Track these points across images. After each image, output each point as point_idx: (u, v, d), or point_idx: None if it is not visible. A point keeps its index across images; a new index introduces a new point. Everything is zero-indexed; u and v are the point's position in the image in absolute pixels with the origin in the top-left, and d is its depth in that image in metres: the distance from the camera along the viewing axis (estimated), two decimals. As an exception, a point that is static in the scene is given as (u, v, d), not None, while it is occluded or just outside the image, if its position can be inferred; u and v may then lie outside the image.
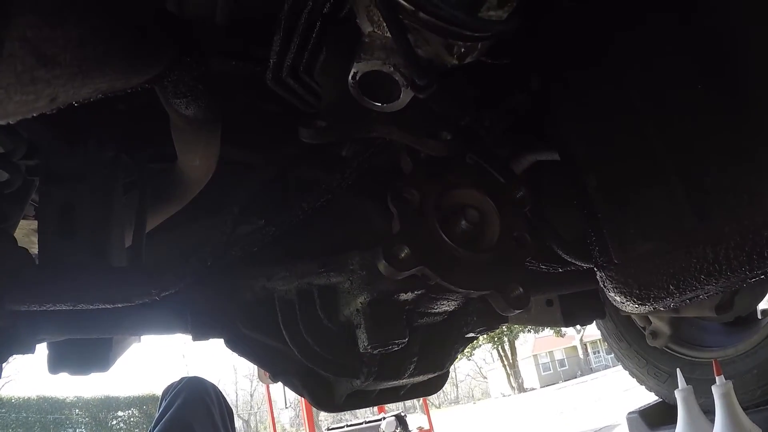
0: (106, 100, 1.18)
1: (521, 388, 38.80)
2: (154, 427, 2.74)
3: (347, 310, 1.38)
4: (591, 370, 39.55)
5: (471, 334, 1.53)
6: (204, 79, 1.20)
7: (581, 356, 43.11)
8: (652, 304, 1.27)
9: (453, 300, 1.33)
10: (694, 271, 1.13)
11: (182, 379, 3.06)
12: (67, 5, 0.71)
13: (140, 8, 1.03)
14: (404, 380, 1.54)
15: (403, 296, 1.30)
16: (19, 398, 24.90)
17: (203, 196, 1.68)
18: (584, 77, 1.34)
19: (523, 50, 1.42)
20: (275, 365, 1.57)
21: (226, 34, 1.35)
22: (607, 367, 34.92)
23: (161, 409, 2.94)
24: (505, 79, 1.54)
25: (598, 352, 42.29)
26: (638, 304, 1.28)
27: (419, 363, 1.50)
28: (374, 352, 1.33)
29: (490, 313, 1.47)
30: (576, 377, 38.09)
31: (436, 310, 1.39)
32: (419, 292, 1.28)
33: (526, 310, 1.22)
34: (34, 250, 1.57)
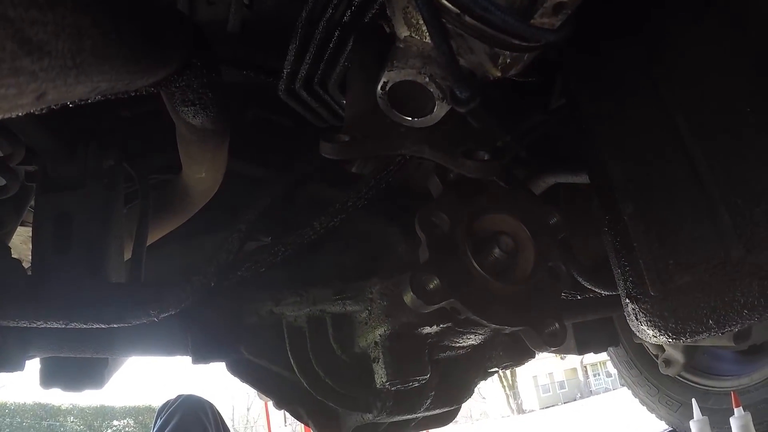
0: (109, 105, 1.09)
1: (520, 410, 38.35)
2: (151, 446, 2.69)
3: (364, 342, 1.27)
4: (591, 393, 39.10)
5: (494, 369, 1.43)
6: (214, 86, 1.10)
7: (581, 378, 42.67)
8: (686, 338, 1.19)
9: (480, 334, 1.23)
10: (738, 306, 1.04)
11: (179, 396, 2.99)
12: None
13: (149, 3, 0.93)
14: (418, 414, 1.43)
15: (427, 330, 1.19)
16: (14, 404, 24.76)
17: (209, 210, 1.60)
18: (625, 97, 1.25)
19: (553, 64, 1.33)
20: (279, 393, 1.47)
21: (239, 42, 1.27)
22: (607, 390, 34.57)
23: (157, 428, 2.87)
24: (525, 95, 1.45)
25: (599, 375, 41.83)
26: (672, 338, 1.20)
27: (436, 397, 1.39)
28: (392, 389, 1.22)
29: (518, 347, 1.36)
30: (576, 399, 37.73)
31: (461, 344, 1.28)
32: (445, 326, 1.18)
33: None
34: (31, 257, 1.49)
